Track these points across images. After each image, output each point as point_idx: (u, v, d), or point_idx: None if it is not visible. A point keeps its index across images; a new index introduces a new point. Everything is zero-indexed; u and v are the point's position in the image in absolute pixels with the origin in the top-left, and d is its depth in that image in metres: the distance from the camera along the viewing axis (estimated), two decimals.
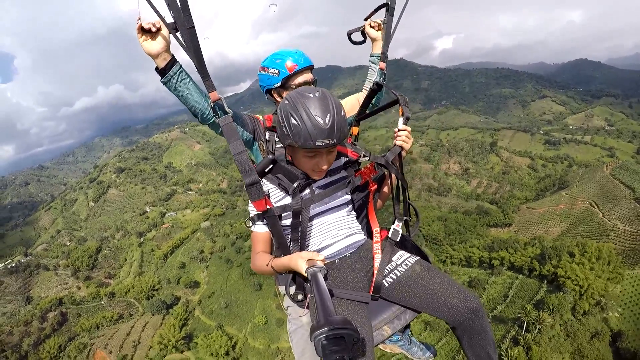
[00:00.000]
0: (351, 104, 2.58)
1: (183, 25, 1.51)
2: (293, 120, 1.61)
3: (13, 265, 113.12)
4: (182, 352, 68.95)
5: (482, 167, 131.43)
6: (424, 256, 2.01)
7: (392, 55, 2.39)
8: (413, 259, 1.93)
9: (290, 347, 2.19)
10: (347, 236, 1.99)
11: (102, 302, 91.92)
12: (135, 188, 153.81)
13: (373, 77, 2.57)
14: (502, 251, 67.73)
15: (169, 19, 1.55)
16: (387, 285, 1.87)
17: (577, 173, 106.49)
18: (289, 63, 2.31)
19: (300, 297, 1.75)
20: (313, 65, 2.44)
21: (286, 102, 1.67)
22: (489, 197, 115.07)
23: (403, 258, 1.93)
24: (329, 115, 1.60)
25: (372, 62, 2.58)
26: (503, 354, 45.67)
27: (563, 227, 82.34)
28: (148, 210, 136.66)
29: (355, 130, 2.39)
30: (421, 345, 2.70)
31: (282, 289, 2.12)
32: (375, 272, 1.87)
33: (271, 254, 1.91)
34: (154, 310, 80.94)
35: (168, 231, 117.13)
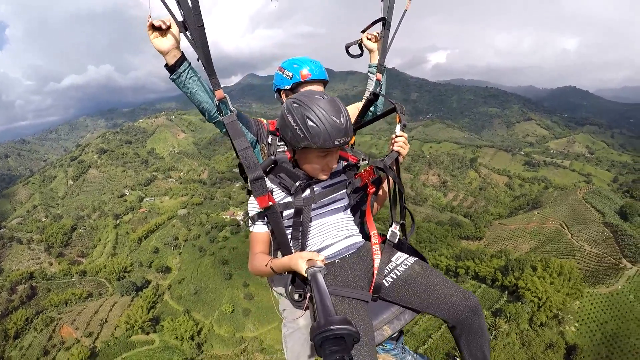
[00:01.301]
0: (352, 113, 2.63)
1: (193, 23, 1.54)
2: (310, 122, 1.64)
3: None
4: (147, 333, 69.57)
5: (460, 181, 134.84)
6: (421, 258, 2.09)
7: (385, 64, 2.61)
8: (412, 259, 2.00)
9: (284, 349, 2.22)
10: (346, 237, 2.04)
11: (73, 279, 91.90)
12: (116, 170, 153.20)
13: (372, 87, 2.66)
14: (468, 261, 70.09)
15: (180, 17, 1.60)
16: (387, 285, 1.92)
17: (552, 195, 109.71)
18: (304, 71, 2.40)
19: (297, 297, 1.78)
20: (327, 81, 2.53)
21: (296, 104, 1.70)
22: (463, 210, 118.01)
23: (402, 258, 2.00)
24: (342, 115, 1.68)
25: (371, 72, 2.66)
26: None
27: (532, 245, 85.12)
28: (127, 194, 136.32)
29: (352, 139, 2.47)
30: (415, 355, 2.75)
31: (277, 291, 2.19)
32: (376, 272, 1.92)
33: (270, 254, 1.97)
34: (124, 291, 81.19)
35: (145, 215, 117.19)
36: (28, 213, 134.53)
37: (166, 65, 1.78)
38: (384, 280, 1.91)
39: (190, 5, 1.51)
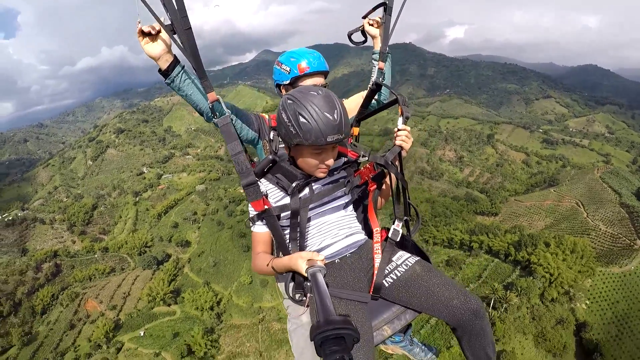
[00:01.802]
0: (356, 103, 2.57)
1: (180, 26, 1.52)
2: (302, 119, 1.61)
3: (10, 218, 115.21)
4: (169, 305, 72.20)
5: (476, 157, 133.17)
6: (424, 256, 2.05)
7: (401, 39, 2.69)
8: (413, 259, 1.95)
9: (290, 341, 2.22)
10: (347, 236, 2.01)
11: (96, 255, 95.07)
12: (134, 149, 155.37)
13: (374, 76, 2.54)
14: (482, 235, 70.35)
15: (168, 20, 1.58)
16: (387, 285, 1.90)
17: (569, 173, 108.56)
18: (303, 64, 2.33)
19: (298, 296, 1.76)
20: (327, 71, 2.46)
21: (289, 101, 1.68)
22: (479, 186, 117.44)
23: (403, 258, 1.95)
24: (336, 111, 1.63)
25: (374, 60, 2.57)
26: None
27: (547, 222, 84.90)
28: (145, 171, 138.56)
29: (355, 130, 2.44)
30: (423, 346, 2.74)
31: (282, 286, 2.12)
32: (376, 272, 1.90)
33: (272, 254, 1.95)
34: (145, 265, 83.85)
35: (163, 192, 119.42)
36: (49, 194, 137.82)
37: (160, 70, 1.77)
38: (384, 281, 1.90)
39: (176, 7, 1.48)
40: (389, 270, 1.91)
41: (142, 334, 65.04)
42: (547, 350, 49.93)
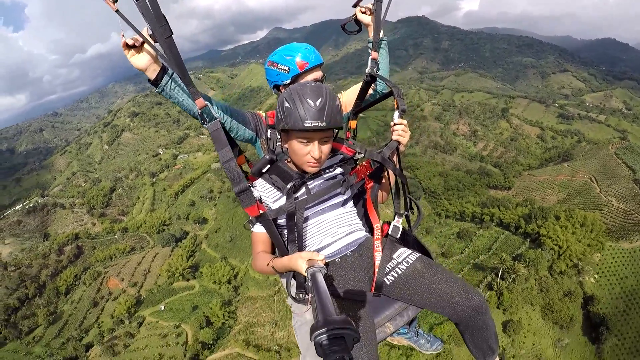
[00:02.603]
0: (355, 94, 2.50)
1: (160, 35, 1.51)
2: (286, 104, 1.66)
3: (31, 205, 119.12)
4: (188, 280, 74.90)
5: (490, 131, 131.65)
6: (425, 252, 2.04)
7: (414, 12, 2.84)
8: (414, 256, 1.93)
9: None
10: (347, 234, 1.99)
11: (116, 236, 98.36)
12: (149, 132, 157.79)
13: (369, 67, 2.43)
14: (493, 208, 70.83)
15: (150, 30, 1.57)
16: (388, 283, 1.89)
17: (583, 149, 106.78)
18: (300, 61, 2.29)
19: (300, 295, 1.78)
20: (323, 63, 2.43)
21: (285, 91, 1.75)
22: (493, 160, 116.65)
23: (404, 255, 1.93)
24: (320, 99, 1.64)
25: (370, 49, 2.42)
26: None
27: (560, 197, 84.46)
28: (161, 153, 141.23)
29: (353, 123, 2.39)
30: (428, 337, 2.76)
31: (284, 282, 2.03)
32: (376, 270, 1.88)
33: (273, 253, 1.94)
34: (164, 243, 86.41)
35: (180, 172, 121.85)
36: (68, 180, 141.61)
37: (149, 80, 1.78)
38: (385, 279, 1.90)
39: (154, 16, 1.48)
40: (390, 267, 1.92)
41: (162, 308, 67.81)
42: (553, 322, 50.58)
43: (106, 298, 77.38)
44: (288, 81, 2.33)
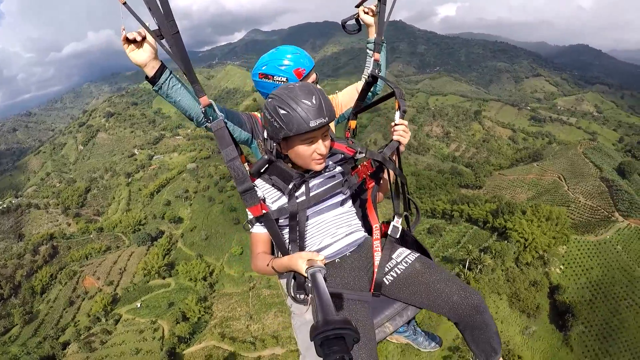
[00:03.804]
0: (350, 95, 2.55)
1: (167, 31, 1.48)
2: (282, 111, 1.60)
3: (4, 206, 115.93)
4: (164, 277, 75.04)
5: (463, 133, 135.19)
6: (424, 252, 2.04)
7: (391, 17, 2.32)
8: (413, 256, 1.93)
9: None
10: (346, 235, 1.97)
11: (91, 236, 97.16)
12: (125, 132, 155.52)
13: (370, 68, 2.44)
14: (463, 205, 73.46)
15: (153, 26, 1.52)
16: (387, 283, 1.89)
17: (553, 149, 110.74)
18: (298, 69, 2.27)
19: (301, 296, 1.74)
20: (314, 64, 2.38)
21: (269, 99, 1.68)
22: (465, 160, 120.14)
23: (403, 255, 1.94)
24: (314, 96, 1.62)
25: (369, 49, 2.46)
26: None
27: (529, 195, 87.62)
28: (136, 153, 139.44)
29: (353, 123, 2.35)
30: (426, 335, 2.77)
31: (284, 283, 2.01)
32: (376, 270, 1.88)
33: (273, 253, 1.93)
34: (140, 242, 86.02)
35: (155, 172, 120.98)
36: (42, 181, 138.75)
37: (147, 77, 1.74)
38: (384, 279, 1.90)
39: (163, 12, 1.45)
40: (389, 268, 1.92)
41: (139, 306, 67.70)
42: (521, 311, 52.75)
43: (82, 297, 76.62)
44: None
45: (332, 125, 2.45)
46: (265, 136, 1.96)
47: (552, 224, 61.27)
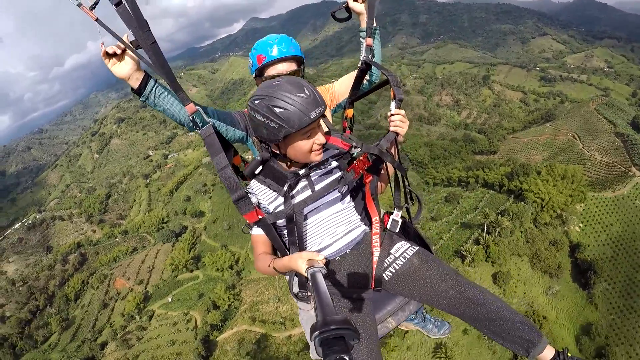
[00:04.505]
0: (346, 84, 2.46)
1: (145, 42, 1.46)
2: (278, 109, 1.54)
3: (30, 222, 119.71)
4: (191, 271, 76.96)
5: (473, 99, 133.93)
6: (425, 245, 2.03)
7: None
8: (411, 250, 1.88)
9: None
10: (346, 233, 1.95)
11: (117, 239, 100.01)
12: (137, 135, 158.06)
13: (363, 55, 2.27)
14: (478, 170, 73.30)
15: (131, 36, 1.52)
16: (387, 278, 1.86)
17: (565, 108, 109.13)
18: (261, 55, 2.23)
19: (303, 294, 1.75)
20: (298, 56, 2.29)
21: (257, 101, 1.60)
22: (477, 127, 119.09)
23: (401, 250, 1.89)
24: (305, 87, 1.58)
25: (362, 38, 2.28)
26: (466, 252, 51.80)
27: (544, 156, 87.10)
28: (151, 154, 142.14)
29: (349, 112, 2.33)
30: (436, 322, 2.74)
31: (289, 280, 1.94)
32: (375, 266, 1.85)
33: (275, 253, 1.91)
34: (165, 239, 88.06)
35: (172, 170, 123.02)
36: (63, 193, 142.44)
37: (132, 89, 1.71)
38: (383, 274, 1.86)
39: (137, 23, 1.44)
40: (388, 263, 1.88)
41: (170, 300, 69.98)
42: (542, 271, 52.95)
43: (115, 298, 79.28)
44: (253, 76, 2.36)
45: (328, 115, 2.46)
46: (259, 139, 1.85)
47: (568, 182, 61.15)
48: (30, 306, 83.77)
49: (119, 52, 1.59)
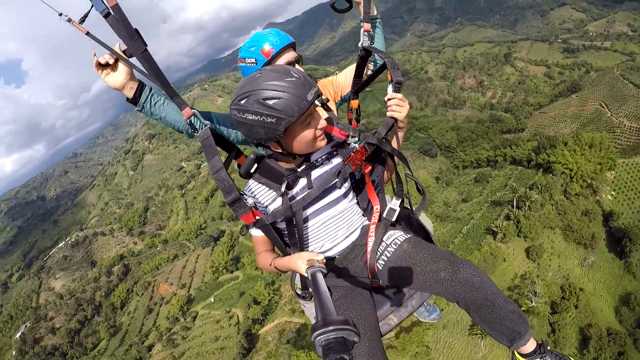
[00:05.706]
0: (350, 76, 2.35)
1: (136, 51, 1.45)
2: (272, 101, 1.42)
3: (73, 240, 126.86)
4: (231, 272, 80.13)
5: (496, 79, 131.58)
6: (426, 233, 1.98)
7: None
8: (403, 237, 1.78)
9: None
10: (346, 237, 1.87)
11: (158, 248, 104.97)
12: (169, 149, 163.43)
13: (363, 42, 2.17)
14: (505, 149, 72.86)
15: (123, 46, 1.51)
16: (380, 268, 1.78)
17: (590, 77, 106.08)
18: (266, 48, 2.07)
19: (305, 294, 1.76)
20: (293, 42, 2.18)
21: (242, 101, 1.48)
22: (503, 106, 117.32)
23: (393, 237, 1.79)
24: (292, 71, 1.48)
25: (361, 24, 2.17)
26: (496, 227, 51.73)
27: (573, 128, 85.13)
28: (184, 166, 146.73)
29: (354, 103, 2.24)
30: (428, 306, 2.71)
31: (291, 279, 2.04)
32: (368, 255, 1.77)
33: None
34: (204, 244, 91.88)
35: (206, 179, 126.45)
36: (102, 210, 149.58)
37: (128, 99, 1.68)
38: (377, 264, 1.78)
39: (126, 32, 1.42)
40: (380, 251, 1.79)
41: (212, 301, 73.08)
42: (576, 242, 51.73)
43: (159, 303, 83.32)
44: None
45: (333, 107, 2.42)
46: (256, 142, 1.76)
47: (596, 150, 59.81)
48: (78, 317, 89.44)
49: (111, 61, 1.58)
